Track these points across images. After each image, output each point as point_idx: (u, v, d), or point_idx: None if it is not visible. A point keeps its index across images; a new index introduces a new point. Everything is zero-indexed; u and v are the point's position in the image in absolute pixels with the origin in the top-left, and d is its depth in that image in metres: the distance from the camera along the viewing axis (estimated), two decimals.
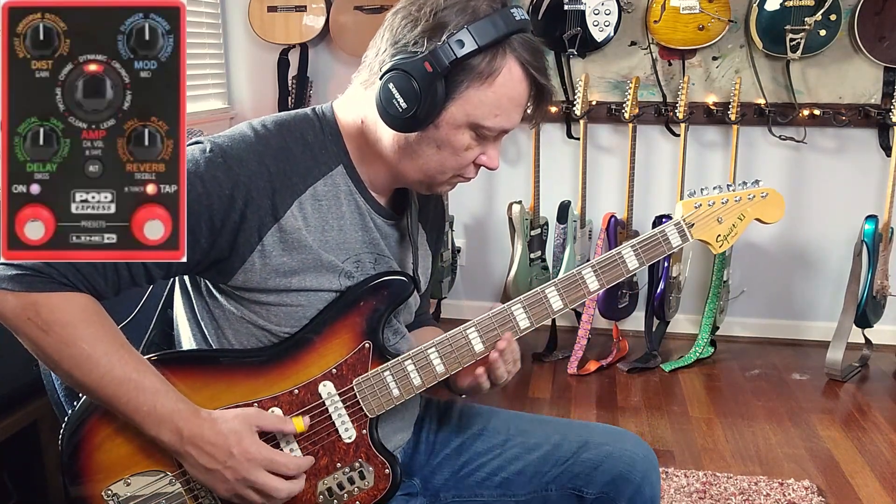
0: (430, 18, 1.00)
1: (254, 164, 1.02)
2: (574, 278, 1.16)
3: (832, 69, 3.04)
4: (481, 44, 0.99)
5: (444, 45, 0.98)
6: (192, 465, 1.00)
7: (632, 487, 1.19)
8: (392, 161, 1.09)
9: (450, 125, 1.04)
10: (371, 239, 1.14)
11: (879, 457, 2.36)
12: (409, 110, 1.00)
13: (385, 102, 1.02)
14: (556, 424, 1.30)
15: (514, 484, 1.24)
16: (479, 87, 1.02)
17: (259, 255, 1.03)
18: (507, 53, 1.02)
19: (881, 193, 3.01)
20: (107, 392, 0.96)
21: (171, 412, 0.98)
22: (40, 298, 0.93)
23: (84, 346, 0.94)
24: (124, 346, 0.99)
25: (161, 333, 1.22)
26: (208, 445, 0.99)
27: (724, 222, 1.22)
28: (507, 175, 3.33)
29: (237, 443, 1.00)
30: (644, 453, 1.23)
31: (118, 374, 0.96)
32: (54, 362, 0.96)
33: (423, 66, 0.99)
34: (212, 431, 0.99)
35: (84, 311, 0.96)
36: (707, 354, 3.08)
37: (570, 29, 3.00)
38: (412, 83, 0.99)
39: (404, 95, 1.00)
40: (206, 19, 3.28)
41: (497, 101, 1.03)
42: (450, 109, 1.02)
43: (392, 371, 1.11)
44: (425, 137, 1.05)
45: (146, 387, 0.97)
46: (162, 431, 0.98)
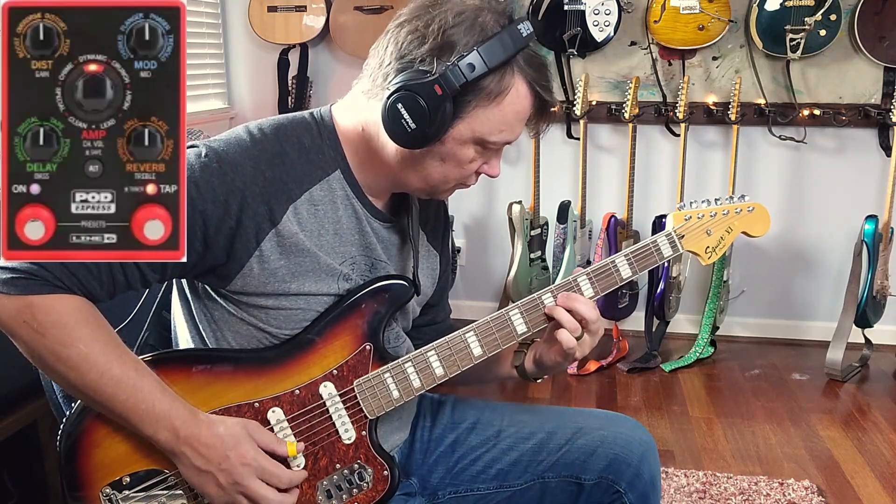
0: (438, 37, 0.99)
1: (249, 170, 1.02)
2: (570, 285, 1.16)
3: (832, 69, 3.04)
4: (491, 66, 0.98)
5: (454, 66, 0.98)
6: (187, 466, 1.00)
7: (630, 470, 1.19)
8: (394, 170, 1.09)
9: (455, 141, 1.04)
10: (367, 243, 1.13)
11: (879, 457, 2.36)
12: (417, 130, 1.00)
13: (392, 120, 1.01)
14: (550, 412, 1.30)
15: (511, 475, 1.24)
16: (486, 106, 1.02)
17: (257, 261, 1.03)
18: (515, 72, 1.02)
19: (881, 193, 3.01)
20: (105, 392, 0.96)
21: (169, 411, 0.98)
22: (35, 300, 0.92)
23: (81, 346, 0.94)
24: (120, 347, 0.99)
25: (156, 335, 1.22)
26: (204, 447, 0.99)
27: (712, 234, 1.25)
28: (507, 175, 3.32)
29: (234, 447, 0.99)
30: (640, 435, 1.23)
31: (116, 373, 0.96)
32: (50, 364, 0.95)
33: (433, 89, 0.98)
34: (209, 433, 0.99)
35: (79, 312, 0.95)
36: (707, 354, 3.08)
37: (570, 29, 3.00)
38: (421, 104, 0.99)
39: (413, 116, 1.00)
40: (206, 19, 3.27)
41: (503, 118, 1.04)
42: (457, 127, 1.03)
43: (392, 373, 1.11)
44: (430, 152, 1.05)
45: (144, 386, 0.97)
46: (159, 431, 0.98)
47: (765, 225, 1.28)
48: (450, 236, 1.34)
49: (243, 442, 1.00)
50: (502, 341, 1.14)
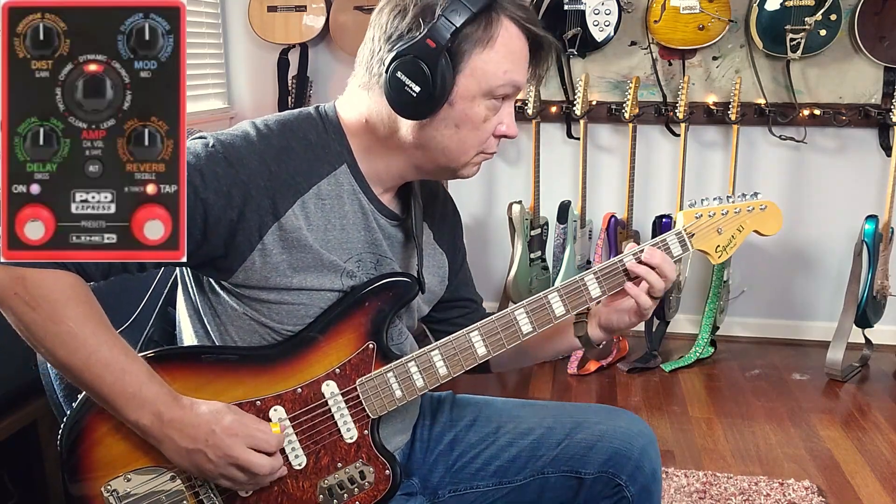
0: (417, 3, 1.02)
1: (254, 164, 1.02)
2: (577, 285, 1.16)
3: (832, 69, 3.05)
4: (475, 9, 1.01)
5: (439, 20, 1.00)
6: (174, 450, 0.99)
7: (631, 464, 1.19)
8: (410, 153, 1.09)
9: (464, 99, 1.04)
10: (373, 239, 1.13)
11: (879, 457, 2.36)
12: (422, 92, 1.01)
13: (396, 92, 1.02)
14: (549, 408, 1.30)
15: (510, 471, 1.24)
16: (482, 52, 1.03)
17: (260, 254, 1.03)
18: (500, 14, 1.04)
19: (881, 193, 3.01)
20: (92, 372, 0.95)
21: (156, 395, 0.98)
22: (29, 273, 0.92)
23: (71, 324, 0.93)
24: (110, 330, 0.98)
25: (161, 331, 1.22)
26: (189, 427, 0.98)
27: (723, 233, 1.23)
28: (507, 175, 3.33)
29: (218, 421, 0.99)
30: (639, 429, 1.22)
31: (105, 354, 0.95)
32: (39, 339, 0.94)
33: (426, 45, 1.00)
34: (192, 414, 0.99)
35: (73, 289, 0.95)
36: (707, 354, 3.08)
37: (570, 29, 3.00)
38: (420, 64, 1.00)
39: (414, 79, 1.01)
40: (206, 19, 3.28)
41: (502, 59, 1.05)
42: (460, 83, 1.03)
43: (395, 372, 1.11)
44: (441, 119, 1.05)
45: (133, 370, 0.97)
46: (143, 415, 0.97)
47: (777, 223, 1.26)
48: (461, 235, 1.34)
49: (227, 415, 1.00)
50: (507, 340, 1.14)
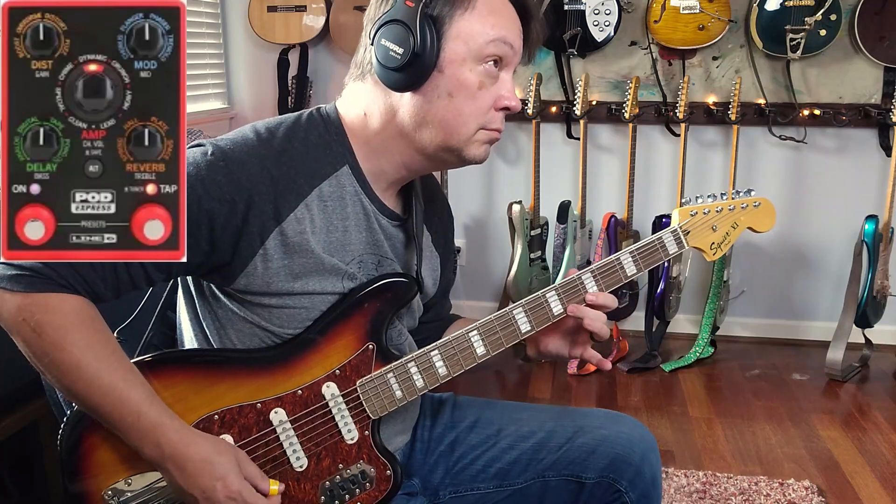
0: None
1: (256, 168, 1.02)
2: (574, 283, 1.16)
3: (832, 69, 3.04)
4: None
5: None
6: (170, 481, 1.00)
7: (631, 469, 1.18)
8: (411, 138, 1.08)
9: (454, 64, 1.04)
10: (375, 241, 1.13)
11: (879, 457, 2.36)
12: (406, 54, 1.01)
13: (383, 61, 1.03)
14: (550, 411, 1.29)
15: (510, 473, 1.24)
16: (463, 13, 1.04)
17: (261, 259, 1.03)
18: None
19: (881, 193, 3.01)
20: (93, 401, 0.95)
21: (155, 426, 0.97)
22: (37, 299, 0.92)
23: (74, 350, 0.93)
24: (115, 353, 0.97)
25: (160, 335, 1.21)
26: (191, 467, 0.97)
27: (718, 230, 1.23)
28: (507, 175, 3.33)
29: (222, 477, 0.98)
30: (641, 434, 1.22)
31: (104, 382, 0.95)
32: (45, 366, 0.94)
33: (404, 6, 1.01)
34: (198, 457, 0.98)
35: (78, 314, 0.94)
36: (707, 354, 3.08)
37: (570, 29, 3.00)
38: (400, 27, 1.01)
39: (397, 41, 1.01)
40: (206, 19, 3.27)
41: (486, 17, 1.05)
42: (447, 48, 1.03)
43: (395, 373, 1.11)
44: (434, 88, 1.05)
45: (131, 397, 0.96)
46: (144, 444, 0.97)
47: (771, 220, 1.26)
48: (452, 240, 1.35)
49: (231, 473, 0.99)
50: (506, 340, 1.14)
